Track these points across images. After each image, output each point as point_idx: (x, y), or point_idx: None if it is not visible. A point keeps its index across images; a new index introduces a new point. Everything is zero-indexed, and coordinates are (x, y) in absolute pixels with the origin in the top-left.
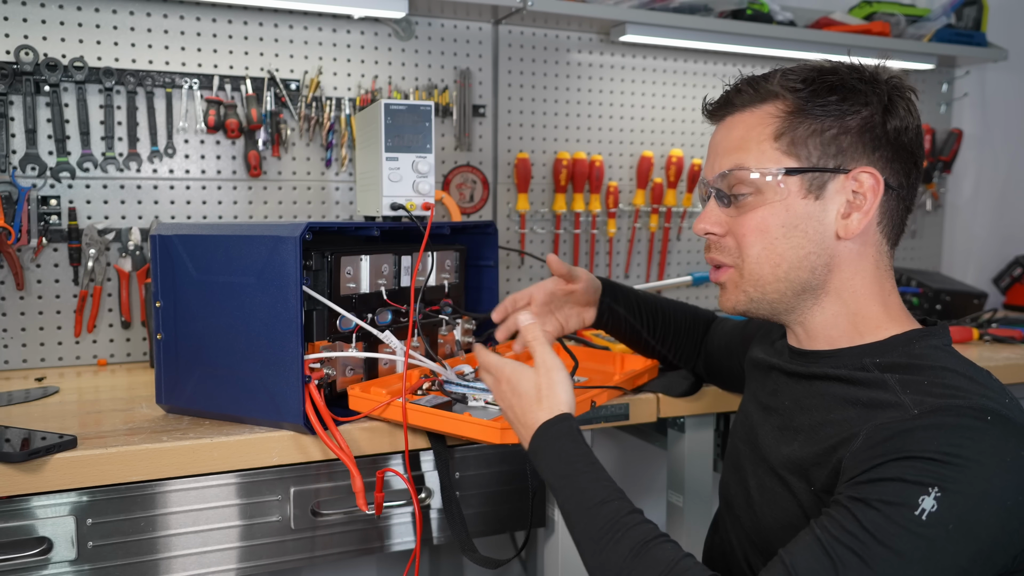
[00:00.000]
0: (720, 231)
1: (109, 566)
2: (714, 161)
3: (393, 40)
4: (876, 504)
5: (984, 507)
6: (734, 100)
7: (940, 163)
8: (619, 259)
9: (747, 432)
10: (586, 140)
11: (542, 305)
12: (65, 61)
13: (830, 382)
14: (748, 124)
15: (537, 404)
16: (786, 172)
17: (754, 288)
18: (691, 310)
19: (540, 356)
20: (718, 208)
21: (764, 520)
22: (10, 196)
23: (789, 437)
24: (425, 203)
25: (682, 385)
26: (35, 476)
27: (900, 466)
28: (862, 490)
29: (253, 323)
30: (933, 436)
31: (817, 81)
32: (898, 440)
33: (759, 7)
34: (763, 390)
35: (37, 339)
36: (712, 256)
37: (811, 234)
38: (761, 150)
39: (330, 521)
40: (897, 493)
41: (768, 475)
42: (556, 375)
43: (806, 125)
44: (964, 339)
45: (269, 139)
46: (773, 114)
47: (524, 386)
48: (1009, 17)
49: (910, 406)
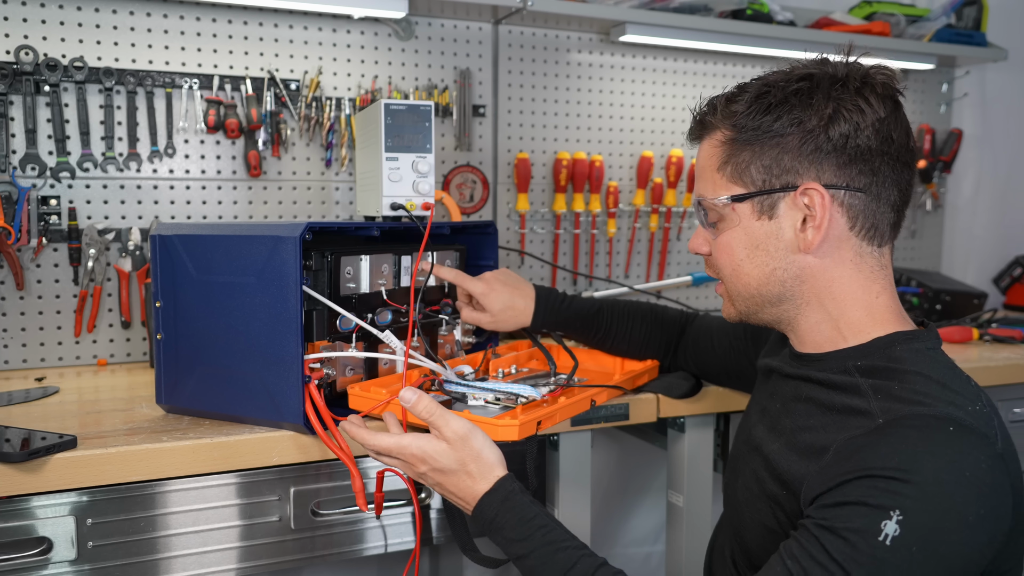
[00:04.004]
0: (706, 250)
1: (109, 566)
2: (695, 186)
3: (393, 40)
4: (842, 532)
5: (946, 525)
6: (695, 128)
7: (940, 163)
8: (619, 259)
9: (745, 433)
10: (586, 140)
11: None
12: (65, 61)
13: (812, 385)
14: (705, 154)
15: (468, 477)
16: (732, 199)
17: (740, 302)
18: (653, 310)
19: (448, 428)
20: (703, 229)
21: (744, 518)
22: (10, 196)
23: (774, 439)
24: (425, 203)
25: (682, 387)
26: (35, 476)
27: (862, 486)
28: (828, 515)
29: (253, 323)
30: (893, 451)
31: (754, 103)
32: (863, 454)
33: (759, 7)
34: (764, 392)
35: (37, 339)
36: (708, 271)
37: (772, 251)
38: (712, 180)
39: (330, 521)
40: (860, 518)
41: (752, 476)
42: (473, 441)
43: (748, 152)
44: (964, 339)
45: (269, 139)
46: (716, 145)
47: (444, 462)
48: (1009, 17)
49: (877, 414)
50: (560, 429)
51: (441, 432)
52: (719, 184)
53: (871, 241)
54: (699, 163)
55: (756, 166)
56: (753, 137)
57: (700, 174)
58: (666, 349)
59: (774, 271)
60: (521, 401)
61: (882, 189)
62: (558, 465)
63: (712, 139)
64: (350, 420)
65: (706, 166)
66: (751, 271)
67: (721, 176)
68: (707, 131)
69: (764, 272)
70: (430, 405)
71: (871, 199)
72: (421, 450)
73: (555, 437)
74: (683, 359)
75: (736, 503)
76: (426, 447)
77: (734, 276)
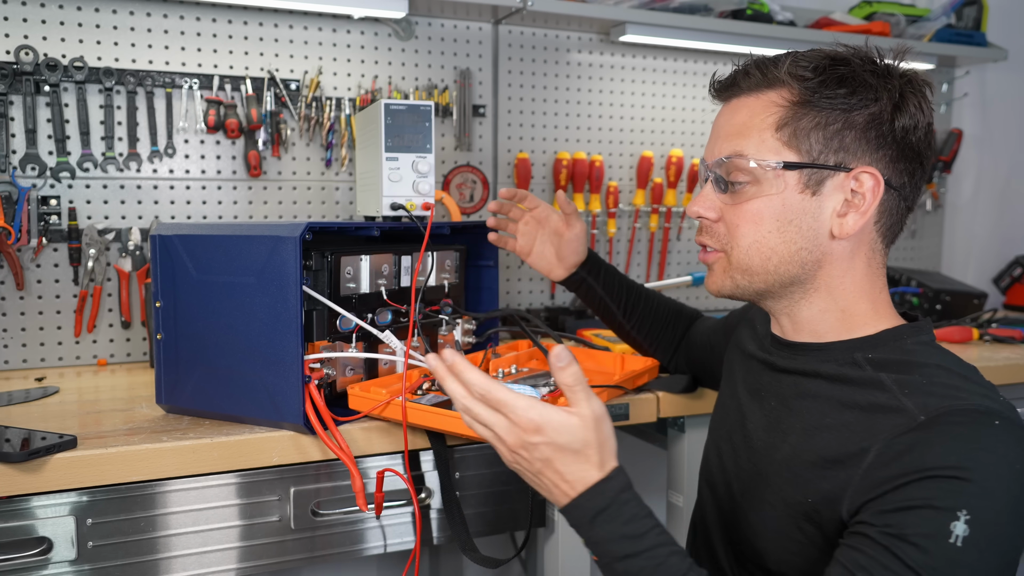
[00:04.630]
0: (714, 216)
1: (109, 566)
2: (715, 144)
3: (393, 40)
4: (913, 539)
5: (1007, 520)
6: (740, 82)
7: (940, 163)
8: (619, 259)
9: (739, 422)
10: (586, 140)
11: (535, 220)
12: (65, 61)
13: (819, 381)
14: (752, 110)
15: (586, 461)
16: (784, 166)
17: (741, 276)
18: (676, 305)
19: (587, 404)
20: (714, 192)
21: (750, 522)
22: (10, 196)
23: (778, 439)
24: (425, 203)
25: (681, 382)
26: (35, 476)
27: (925, 488)
28: (892, 521)
29: (253, 323)
30: (948, 449)
31: (827, 71)
32: (915, 455)
33: (759, 7)
34: (749, 378)
35: (37, 339)
36: (702, 239)
37: (804, 230)
38: (762, 139)
39: (330, 521)
40: (929, 522)
41: (756, 479)
42: (605, 425)
43: (810, 117)
44: (964, 339)
45: (269, 139)
46: (777, 102)
47: (567, 439)
48: (1009, 17)
49: (913, 410)
50: None
51: (578, 406)
52: (769, 145)
53: (884, 239)
54: (738, 120)
55: (817, 136)
56: (825, 104)
57: (740, 131)
58: (677, 346)
59: (799, 251)
60: None
61: (912, 192)
62: None
63: (770, 95)
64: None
65: (752, 124)
66: (777, 246)
67: (775, 137)
68: (763, 86)
69: (790, 250)
70: (579, 373)
71: (900, 199)
72: (542, 416)
73: None
74: (680, 360)
75: (734, 502)
76: (552, 417)
77: (752, 248)
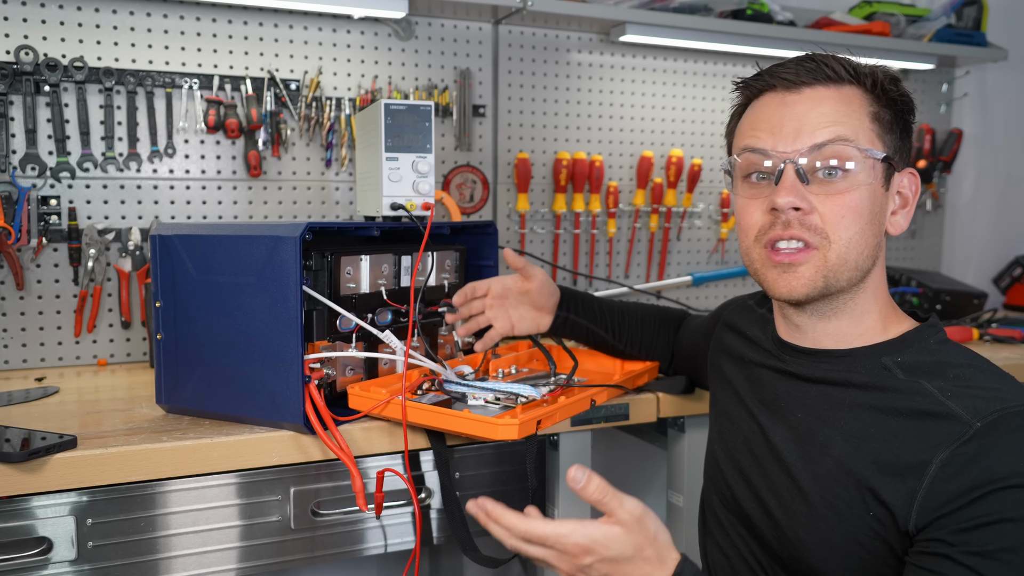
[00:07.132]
0: (808, 207)
1: (109, 566)
2: (799, 132)
3: (393, 40)
4: (997, 555)
5: None
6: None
7: (940, 163)
8: (619, 259)
9: (757, 434)
10: (586, 140)
11: (497, 298)
12: (65, 61)
13: (852, 389)
14: (839, 99)
15: (646, 563)
16: (884, 158)
17: (834, 274)
18: (660, 310)
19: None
20: (799, 183)
21: (803, 543)
22: (10, 196)
23: (816, 453)
24: (425, 203)
25: (681, 383)
26: (35, 476)
27: (998, 501)
28: (972, 539)
29: (253, 323)
30: (1013, 457)
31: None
32: (983, 466)
33: (759, 7)
34: (759, 389)
35: (37, 339)
36: (795, 233)
37: (877, 226)
38: (861, 128)
39: (330, 521)
40: (1010, 536)
41: (796, 496)
42: (649, 522)
43: (891, 114)
44: (964, 339)
45: (269, 139)
46: (862, 96)
47: (618, 549)
48: (1009, 17)
49: (965, 416)
50: (560, 429)
51: (615, 514)
52: (866, 135)
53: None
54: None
55: (894, 133)
56: (902, 106)
57: (837, 119)
58: (672, 349)
59: (875, 247)
60: (521, 401)
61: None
62: (558, 465)
63: (853, 89)
64: (483, 502)
65: (851, 112)
66: (868, 239)
67: (871, 127)
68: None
69: (871, 245)
70: (603, 485)
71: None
72: (589, 538)
73: (555, 437)
74: (676, 362)
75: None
76: (595, 534)
77: (853, 241)
